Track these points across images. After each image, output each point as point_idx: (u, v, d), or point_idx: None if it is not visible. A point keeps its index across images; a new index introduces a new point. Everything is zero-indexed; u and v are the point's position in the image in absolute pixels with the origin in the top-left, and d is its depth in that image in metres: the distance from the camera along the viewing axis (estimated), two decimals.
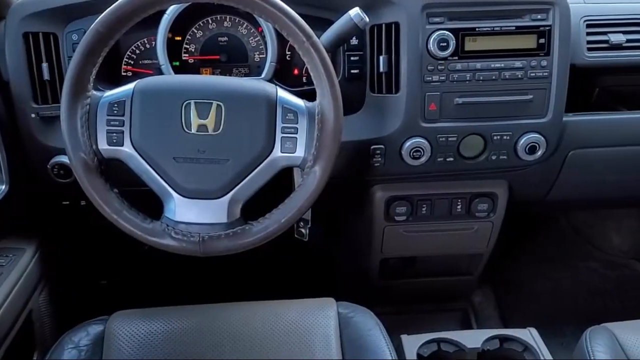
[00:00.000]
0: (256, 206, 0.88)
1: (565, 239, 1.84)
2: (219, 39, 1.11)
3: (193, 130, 0.83)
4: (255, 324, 0.96)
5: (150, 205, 0.88)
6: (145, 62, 1.11)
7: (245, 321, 0.96)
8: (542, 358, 1.07)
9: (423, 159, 1.09)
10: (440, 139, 1.08)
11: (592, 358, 0.91)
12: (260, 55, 1.12)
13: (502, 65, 1.05)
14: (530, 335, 1.13)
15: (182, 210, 0.84)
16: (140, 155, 0.84)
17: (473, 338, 1.12)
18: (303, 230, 0.98)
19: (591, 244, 1.82)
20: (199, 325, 0.96)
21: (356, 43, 1.07)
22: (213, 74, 1.12)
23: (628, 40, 1.12)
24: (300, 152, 0.85)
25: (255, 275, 1.62)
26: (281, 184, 0.93)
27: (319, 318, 0.96)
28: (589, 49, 1.12)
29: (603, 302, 1.63)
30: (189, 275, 1.63)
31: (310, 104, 0.87)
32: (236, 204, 0.85)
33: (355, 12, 0.93)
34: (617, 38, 1.12)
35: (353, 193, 1.26)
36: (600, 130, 1.16)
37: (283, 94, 0.87)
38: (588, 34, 1.12)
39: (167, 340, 0.93)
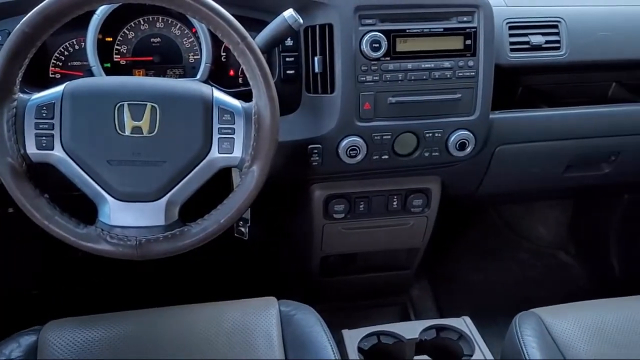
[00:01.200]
0: (195, 207, 0.88)
1: (495, 232, 1.93)
2: (152, 39, 1.09)
3: (127, 133, 0.82)
4: (196, 326, 0.95)
5: (83, 210, 0.86)
6: (75, 63, 1.07)
7: (186, 324, 0.95)
8: (476, 344, 1.12)
9: (359, 157, 1.11)
10: (375, 138, 1.10)
11: (521, 341, 0.97)
12: (195, 57, 1.11)
13: (432, 65, 1.09)
14: (464, 324, 1.18)
15: (118, 214, 0.83)
16: (72, 159, 0.82)
17: (411, 329, 1.16)
18: (243, 230, 0.98)
19: (520, 236, 1.92)
20: (138, 331, 0.94)
21: (291, 44, 1.08)
22: (146, 75, 1.10)
23: (547, 42, 1.19)
24: (237, 153, 0.86)
25: (196, 278, 1.60)
26: (219, 184, 0.93)
27: (261, 317, 0.97)
28: (512, 50, 1.18)
29: (531, 290, 1.72)
30: (127, 280, 1.59)
31: (246, 104, 0.88)
32: (174, 206, 0.84)
33: (289, 13, 0.95)
34: (536, 39, 1.19)
35: (292, 192, 1.27)
36: (524, 126, 1.22)
37: (219, 94, 0.87)
38: (510, 35, 1.18)
39: (105, 348, 0.91)
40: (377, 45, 1.05)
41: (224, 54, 1.10)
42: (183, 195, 0.85)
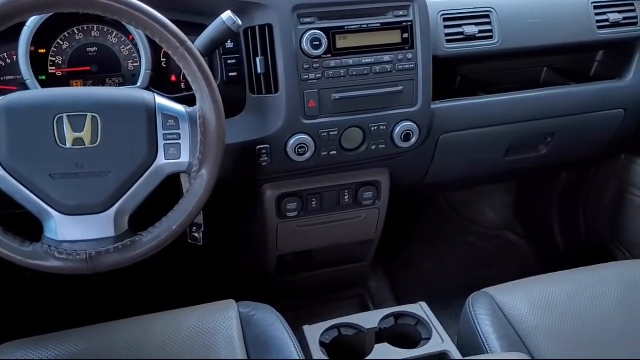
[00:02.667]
0: (145, 216, 0.87)
1: (445, 218, 1.98)
2: (88, 49, 1.07)
3: (68, 145, 0.80)
4: (154, 336, 0.94)
5: (28, 227, 0.84)
6: (8, 78, 1.04)
7: (143, 335, 0.94)
8: (433, 328, 1.16)
9: (308, 155, 1.12)
10: (323, 134, 1.12)
11: (475, 321, 1.00)
12: (134, 64, 1.09)
13: (373, 60, 1.11)
14: (421, 309, 1.21)
15: (65, 228, 0.81)
16: (12, 176, 0.79)
17: (370, 319, 1.18)
18: (196, 235, 0.97)
19: (468, 220, 1.98)
20: (94, 347, 0.92)
21: (231, 46, 1.08)
22: (85, 86, 1.08)
23: (480, 32, 1.23)
24: (185, 158, 0.85)
25: (152, 287, 1.58)
26: (169, 191, 0.92)
27: (220, 320, 0.96)
28: (448, 41, 1.21)
29: (482, 271, 1.78)
30: (81, 296, 1.55)
31: (190, 109, 0.87)
32: (123, 215, 0.83)
33: (227, 15, 0.95)
34: (470, 30, 1.23)
35: (244, 193, 1.27)
36: (464, 114, 1.26)
37: (162, 100, 0.86)
38: (445, 27, 1.21)
39: None
40: (318, 43, 1.06)
41: (164, 59, 1.09)
42: (132, 204, 0.83)
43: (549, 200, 1.78)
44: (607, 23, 1.30)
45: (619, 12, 1.31)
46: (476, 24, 1.24)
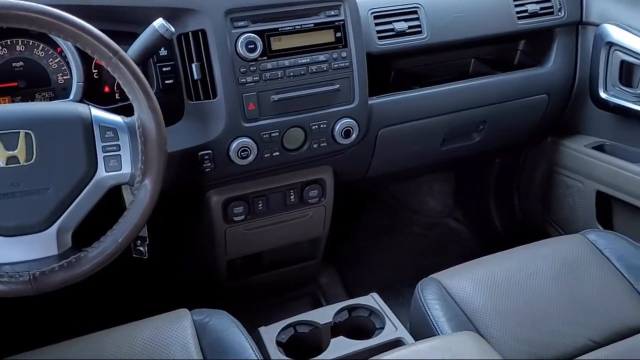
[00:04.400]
0: (89, 231, 0.85)
1: (390, 210, 2.03)
2: (14, 64, 1.03)
3: (1, 164, 0.78)
4: (107, 353, 0.91)
5: None
6: None
7: (96, 353, 0.92)
8: (386, 317, 1.19)
9: (251, 158, 1.12)
10: (264, 136, 1.12)
11: (425, 306, 1.04)
12: (65, 77, 1.06)
13: (308, 60, 1.12)
14: (373, 300, 1.25)
15: (4, 250, 0.78)
16: None
17: (324, 314, 1.20)
18: (141, 248, 0.95)
19: (412, 211, 2.04)
20: None
21: (165, 53, 1.07)
22: (13, 102, 1.04)
23: (409, 27, 1.27)
24: (126, 169, 0.84)
25: (102, 303, 1.53)
26: (112, 204, 0.91)
27: (175, 330, 0.95)
28: (379, 38, 1.24)
29: (429, 259, 1.83)
30: (26, 318, 1.48)
31: (128, 119, 0.86)
32: (65, 232, 0.81)
33: (159, 22, 0.94)
34: (400, 26, 1.26)
35: (189, 201, 1.26)
36: (400, 108, 1.30)
37: (98, 112, 0.85)
38: (376, 24, 1.25)
39: None
40: (253, 46, 1.07)
41: (95, 70, 1.07)
42: (74, 220, 0.81)
43: (485, 185, 1.85)
44: (526, 14, 1.37)
45: (536, 3, 1.39)
46: (405, 20, 1.27)
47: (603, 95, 1.39)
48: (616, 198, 1.42)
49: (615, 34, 1.32)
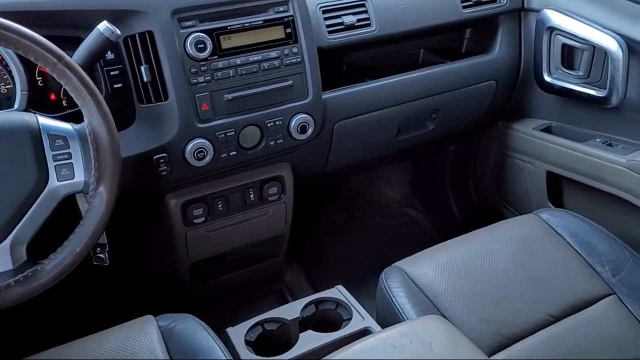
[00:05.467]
0: (44, 243, 0.82)
1: (350, 203, 2.05)
2: None
3: None
4: None
5: None
6: None
7: None
8: (352, 308, 1.20)
9: (208, 159, 1.11)
10: (220, 136, 1.11)
11: (390, 294, 1.06)
12: (7, 86, 1.02)
13: (260, 57, 1.12)
14: (339, 293, 1.26)
15: None
16: None
17: (291, 310, 1.21)
18: (101, 256, 0.93)
19: (371, 202, 2.06)
20: None
21: (112, 57, 1.05)
22: None
23: (358, 20, 1.28)
24: (80, 177, 0.82)
25: (63, 315, 1.49)
26: (67, 213, 0.88)
27: (140, 338, 0.94)
28: (329, 32, 1.25)
29: (391, 248, 1.86)
30: None
31: (78, 125, 0.84)
32: (19, 246, 0.79)
33: (104, 26, 0.92)
34: (349, 19, 1.28)
35: (147, 205, 1.24)
36: (354, 101, 1.31)
37: (45, 120, 0.82)
38: (325, 19, 1.25)
39: None
40: (202, 45, 1.06)
41: (40, 78, 1.03)
42: (28, 233, 0.79)
43: (441, 173, 1.89)
44: (470, 2, 1.40)
45: None
46: (354, 14, 1.29)
47: (547, 78, 1.44)
48: (565, 177, 1.48)
49: (556, 18, 1.37)
